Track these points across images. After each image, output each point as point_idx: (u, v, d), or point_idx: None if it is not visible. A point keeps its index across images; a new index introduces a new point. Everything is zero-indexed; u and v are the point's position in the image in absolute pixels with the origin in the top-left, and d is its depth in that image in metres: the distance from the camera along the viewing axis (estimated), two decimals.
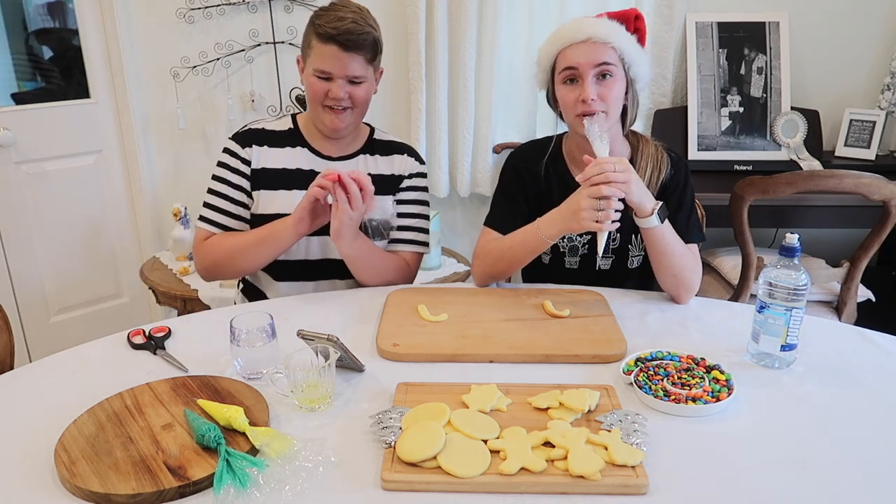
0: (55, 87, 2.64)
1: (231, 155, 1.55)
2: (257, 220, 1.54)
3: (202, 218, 1.57)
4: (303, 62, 1.50)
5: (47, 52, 2.62)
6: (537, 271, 1.63)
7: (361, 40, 1.41)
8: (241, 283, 1.71)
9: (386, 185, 1.58)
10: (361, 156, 1.59)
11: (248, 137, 1.56)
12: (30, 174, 2.48)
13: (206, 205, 1.57)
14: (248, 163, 1.55)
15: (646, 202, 1.30)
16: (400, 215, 1.60)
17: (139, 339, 1.27)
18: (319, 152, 1.57)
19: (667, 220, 1.34)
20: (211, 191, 1.56)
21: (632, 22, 1.41)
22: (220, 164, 1.56)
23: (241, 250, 1.50)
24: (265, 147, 1.55)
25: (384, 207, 1.51)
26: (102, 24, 2.51)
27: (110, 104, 2.61)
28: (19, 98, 2.55)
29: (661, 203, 1.31)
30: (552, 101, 1.50)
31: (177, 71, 2.57)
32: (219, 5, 2.52)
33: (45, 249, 2.57)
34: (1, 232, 2.47)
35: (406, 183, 1.60)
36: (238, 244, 1.50)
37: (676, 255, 1.36)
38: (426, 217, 1.64)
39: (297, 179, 1.54)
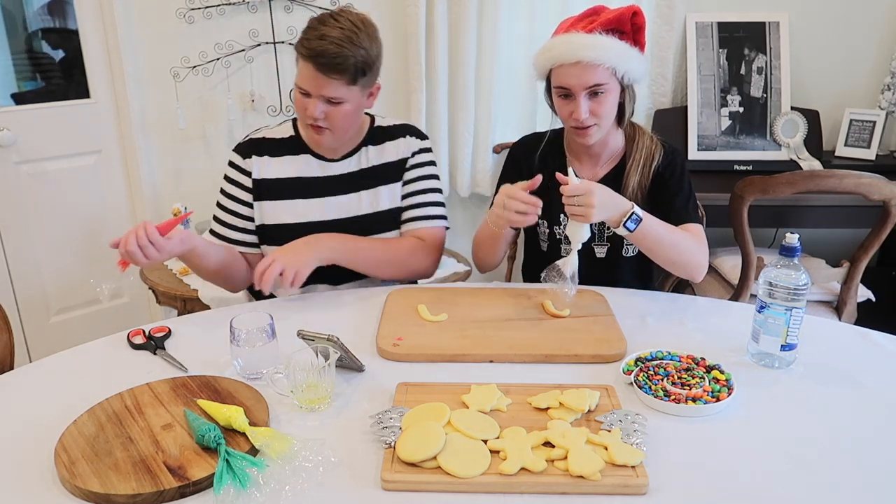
0: (55, 87, 2.64)
1: (234, 168, 1.56)
2: (262, 231, 1.56)
3: (212, 232, 1.58)
4: None
5: (47, 52, 2.62)
6: (536, 259, 1.64)
7: (336, 63, 1.35)
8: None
9: (391, 172, 1.57)
10: (363, 149, 1.57)
11: (249, 148, 1.55)
12: (30, 174, 2.48)
13: (215, 218, 1.58)
14: (248, 174, 1.54)
15: (614, 217, 1.31)
16: (409, 195, 1.59)
17: (139, 340, 1.27)
18: (321, 156, 1.55)
19: (648, 218, 1.34)
20: (218, 204, 1.58)
21: (628, 21, 1.39)
22: (226, 178, 1.57)
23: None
24: (265, 157, 1.55)
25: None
26: (102, 24, 2.51)
27: (110, 104, 2.60)
28: (19, 98, 2.55)
29: (631, 213, 1.31)
30: (549, 97, 1.51)
31: (177, 71, 2.57)
32: (219, 5, 2.52)
33: (45, 249, 2.57)
34: (1, 232, 2.46)
35: (410, 162, 1.58)
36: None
37: (666, 246, 1.37)
38: (436, 190, 1.61)
39: (300, 187, 1.54)
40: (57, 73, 2.64)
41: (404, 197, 1.58)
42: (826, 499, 0.86)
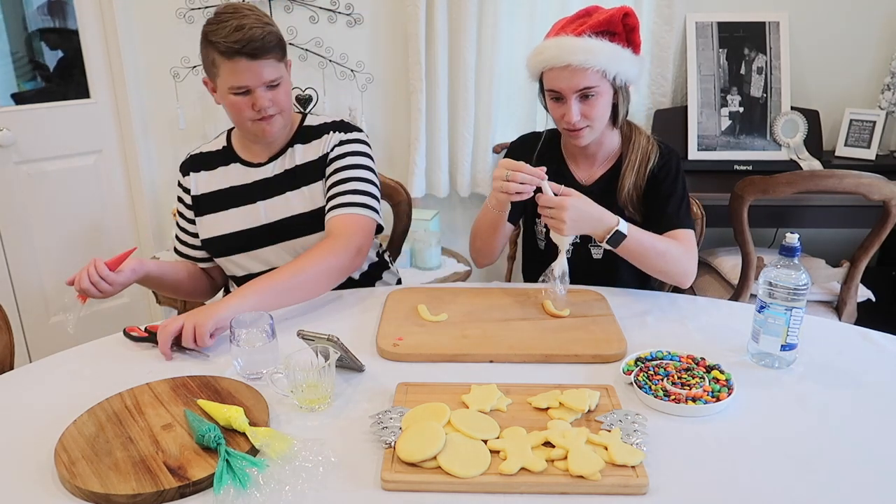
0: (55, 87, 2.64)
1: (179, 186, 1.61)
2: (205, 245, 1.58)
3: (174, 249, 1.66)
4: (212, 82, 1.45)
5: (48, 52, 2.62)
6: (535, 258, 1.64)
7: (267, 43, 1.36)
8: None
9: (316, 170, 1.52)
10: (290, 149, 1.54)
11: (188, 165, 1.60)
12: (30, 174, 2.48)
13: (175, 236, 1.65)
14: (188, 191, 1.58)
15: (597, 232, 1.32)
16: (329, 187, 1.51)
17: (137, 334, 1.27)
18: (249, 162, 1.55)
19: (633, 233, 1.33)
20: (175, 222, 1.65)
21: (619, 22, 1.37)
22: (177, 197, 1.62)
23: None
24: (202, 172, 1.58)
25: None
26: (102, 24, 2.51)
27: (110, 104, 2.60)
28: (19, 98, 2.55)
29: (614, 230, 1.31)
30: (543, 98, 1.51)
31: (177, 71, 2.57)
32: (219, 5, 2.51)
33: (45, 249, 2.57)
34: (1, 232, 2.46)
35: (330, 157, 1.52)
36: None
37: (652, 257, 1.37)
38: (357, 179, 1.50)
39: (233, 196, 1.54)
40: (57, 73, 2.64)
41: (326, 191, 1.52)
42: (826, 499, 0.86)
